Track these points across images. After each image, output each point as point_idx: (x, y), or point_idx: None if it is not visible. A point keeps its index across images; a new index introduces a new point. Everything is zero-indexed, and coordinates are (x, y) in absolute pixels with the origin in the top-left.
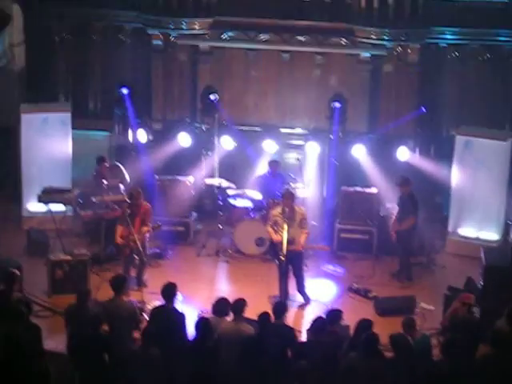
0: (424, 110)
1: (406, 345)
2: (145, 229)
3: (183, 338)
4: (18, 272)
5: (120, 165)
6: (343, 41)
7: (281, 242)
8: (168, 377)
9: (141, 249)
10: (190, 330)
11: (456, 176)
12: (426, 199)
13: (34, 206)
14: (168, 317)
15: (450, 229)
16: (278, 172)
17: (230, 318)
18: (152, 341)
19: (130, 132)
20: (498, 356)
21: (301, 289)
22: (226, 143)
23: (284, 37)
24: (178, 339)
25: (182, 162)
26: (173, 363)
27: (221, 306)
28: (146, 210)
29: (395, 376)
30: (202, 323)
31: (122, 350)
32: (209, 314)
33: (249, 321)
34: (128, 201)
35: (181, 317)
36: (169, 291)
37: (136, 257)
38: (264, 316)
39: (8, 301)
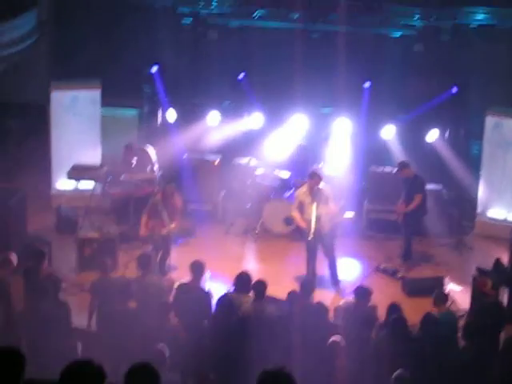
0: (455, 90)
1: (433, 322)
2: (173, 224)
3: (207, 316)
4: (45, 249)
5: (148, 150)
6: (374, 20)
7: (307, 226)
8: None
9: (168, 238)
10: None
11: (486, 157)
12: (454, 181)
13: (63, 183)
14: (193, 293)
15: (478, 210)
16: (306, 154)
17: (251, 295)
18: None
19: (159, 111)
20: None
21: (332, 269)
22: (256, 120)
23: (314, 15)
24: (203, 317)
25: (212, 140)
26: (195, 339)
27: (243, 280)
28: (178, 206)
29: (421, 354)
30: (223, 300)
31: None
32: (231, 291)
33: (274, 300)
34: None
35: (207, 295)
36: (197, 268)
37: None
38: (292, 294)
39: (37, 277)
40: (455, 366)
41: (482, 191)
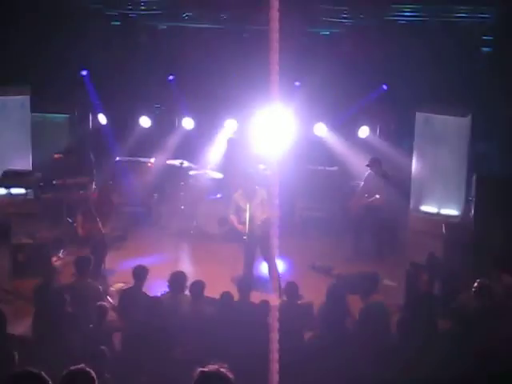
0: (385, 87)
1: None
2: (109, 220)
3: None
4: None
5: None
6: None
7: (243, 228)
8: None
9: (104, 240)
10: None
11: (417, 152)
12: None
13: None
14: (137, 298)
15: (411, 205)
16: (237, 149)
17: (187, 293)
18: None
19: (90, 115)
20: (459, 333)
21: (271, 270)
22: (187, 124)
23: (243, 15)
24: (148, 320)
25: (144, 144)
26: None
27: (178, 280)
28: (113, 203)
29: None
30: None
31: (86, 330)
32: (166, 291)
33: (210, 300)
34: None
35: (149, 299)
36: (139, 273)
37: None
38: (226, 295)
39: None
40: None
41: (414, 186)
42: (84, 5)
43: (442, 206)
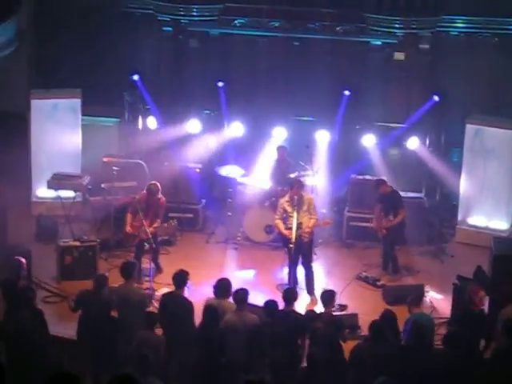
0: (437, 98)
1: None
2: (158, 221)
3: (190, 326)
4: (23, 259)
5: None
6: (354, 28)
7: (289, 234)
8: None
9: (151, 240)
10: (197, 318)
11: (466, 165)
12: (434, 189)
13: (43, 191)
14: (177, 304)
15: (459, 218)
16: (286, 158)
17: (231, 301)
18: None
19: (140, 119)
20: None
21: (308, 278)
22: (236, 130)
23: (295, 24)
24: (186, 327)
25: (192, 149)
26: (179, 350)
27: (223, 286)
28: (162, 203)
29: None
30: (208, 310)
31: (131, 335)
32: (211, 297)
33: (255, 308)
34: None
35: (189, 305)
36: (180, 278)
37: (146, 245)
38: (270, 303)
39: (14, 289)
40: (434, 373)
41: (462, 199)
42: (136, 10)
43: (491, 219)
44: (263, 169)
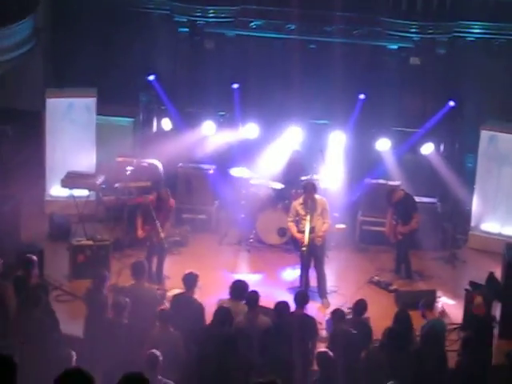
0: (452, 104)
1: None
2: (168, 225)
3: (201, 327)
4: (35, 257)
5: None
6: (370, 32)
7: (302, 237)
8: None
9: (164, 243)
10: (208, 319)
11: (480, 171)
12: (448, 194)
13: (56, 190)
14: (187, 305)
15: (472, 224)
16: (299, 161)
17: (245, 304)
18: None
19: (154, 119)
20: None
21: (321, 281)
22: (250, 132)
23: (311, 27)
24: (196, 327)
25: (207, 150)
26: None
27: (239, 288)
28: (171, 206)
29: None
30: (221, 311)
31: (144, 335)
32: (226, 298)
33: (266, 310)
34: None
35: (200, 306)
36: (190, 280)
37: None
38: (281, 305)
39: (26, 286)
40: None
41: (476, 205)
42: (152, 11)
43: (504, 225)
44: (276, 170)
